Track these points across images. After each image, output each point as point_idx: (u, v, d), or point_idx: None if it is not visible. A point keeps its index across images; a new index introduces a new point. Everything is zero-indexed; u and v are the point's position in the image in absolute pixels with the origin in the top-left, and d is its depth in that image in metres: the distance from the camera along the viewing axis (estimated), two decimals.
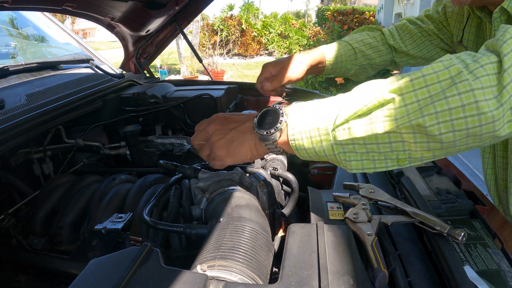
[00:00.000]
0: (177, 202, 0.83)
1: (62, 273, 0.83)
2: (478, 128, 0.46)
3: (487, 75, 0.46)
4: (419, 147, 0.50)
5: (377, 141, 0.51)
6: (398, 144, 0.51)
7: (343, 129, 0.52)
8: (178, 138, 1.36)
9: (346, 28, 9.54)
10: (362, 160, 0.53)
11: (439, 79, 0.48)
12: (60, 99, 1.18)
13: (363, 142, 0.52)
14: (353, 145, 0.52)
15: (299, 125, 0.57)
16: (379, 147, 0.51)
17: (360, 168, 0.54)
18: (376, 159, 0.53)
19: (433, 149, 0.50)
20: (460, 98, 0.46)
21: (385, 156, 0.52)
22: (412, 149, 0.51)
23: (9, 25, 1.79)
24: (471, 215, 0.77)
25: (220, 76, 8.82)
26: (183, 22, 1.81)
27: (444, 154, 0.51)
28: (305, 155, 0.58)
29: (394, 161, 0.52)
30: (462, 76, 0.46)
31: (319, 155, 0.56)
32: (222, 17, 13.13)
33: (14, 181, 1.08)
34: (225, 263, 0.56)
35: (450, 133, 0.47)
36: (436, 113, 0.47)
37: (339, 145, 0.53)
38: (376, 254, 0.57)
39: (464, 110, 0.46)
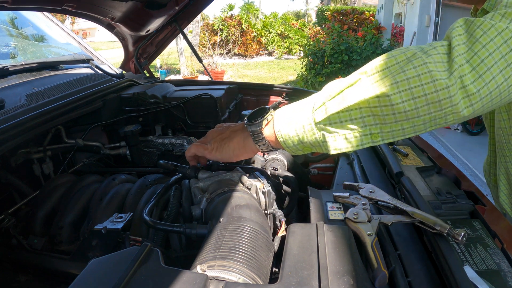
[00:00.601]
0: (177, 202, 0.83)
1: (62, 273, 0.83)
2: (435, 93, 0.52)
3: (438, 53, 0.54)
4: (387, 119, 0.55)
5: (351, 117, 0.57)
6: (369, 118, 0.56)
7: (321, 111, 0.59)
8: (178, 138, 1.36)
9: (346, 28, 9.54)
10: (341, 140, 0.59)
11: (397, 60, 0.56)
12: (60, 99, 1.18)
13: (339, 119, 0.57)
14: (330, 125, 0.58)
15: (283, 119, 0.64)
16: (353, 123, 0.57)
17: (339, 149, 0.59)
18: (352, 137, 0.58)
19: (400, 120, 0.55)
20: (415, 70, 0.53)
21: (359, 133, 0.57)
22: (382, 122, 0.56)
23: (9, 25, 1.79)
24: (471, 215, 0.77)
25: (220, 76, 8.82)
26: (183, 22, 1.81)
27: (412, 129, 0.56)
28: (291, 146, 0.63)
29: (368, 137, 0.58)
30: (417, 55, 0.55)
31: (303, 142, 0.62)
32: (222, 17, 13.13)
33: (14, 181, 1.08)
34: (225, 263, 0.56)
35: (411, 100, 0.53)
36: (397, 83, 0.53)
37: (318, 126, 0.59)
38: (376, 254, 0.57)
39: (420, 79, 0.53)
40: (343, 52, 6.36)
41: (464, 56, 0.53)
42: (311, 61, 6.92)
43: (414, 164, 1.00)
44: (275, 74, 9.98)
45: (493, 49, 0.53)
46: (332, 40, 6.72)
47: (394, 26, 10.19)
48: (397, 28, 9.96)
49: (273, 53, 13.74)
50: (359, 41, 6.92)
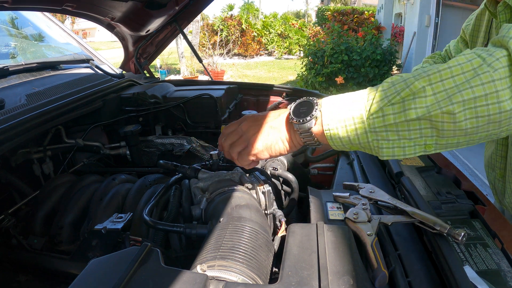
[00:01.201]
0: (177, 202, 0.83)
1: (62, 273, 0.83)
2: (498, 115, 0.51)
3: (502, 67, 0.52)
4: (446, 134, 0.54)
5: (409, 128, 0.55)
6: (427, 130, 0.55)
7: (377, 117, 0.56)
8: (178, 138, 1.36)
9: (346, 28, 9.54)
10: (394, 147, 0.58)
11: (463, 70, 0.53)
12: (60, 99, 1.18)
13: (396, 129, 0.56)
14: (386, 132, 0.57)
15: (333, 115, 0.60)
16: (410, 133, 0.56)
17: (391, 155, 0.58)
18: (406, 146, 0.57)
19: (458, 135, 0.54)
20: (483, 87, 0.51)
21: (414, 142, 0.56)
22: (439, 136, 0.55)
23: (9, 25, 1.79)
24: (471, 215, 0.77)
25: (220, 76, 8.82)
26: (183, 22, 1.81)
27: (466, 142, 0.55)
28: (338, 144, 0.61)
29: (422, 147, 0.57)
30: (483, 68, 0.52)
31: (352, 143, 0.60)
32: (222, 17, 13.13)
33: (14, 181, 1.08)
34: (225, 263, 0.56)
35: (474, 119, 0.52)
36: (464, 101, 0.52)
37: (373, 132, 0.57)
38: (376, 254, 0.57)
39: (487, 98, 0.51)
40: (343, 52, 6.36)
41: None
42: (311, 61, 6.92)
43: (414, 164, 1.00)
44: (275, 74, 9.98)
45: None
46: (332, 40, 6.72)
47: (394, 26, 10.19)
48: (397, 28, 9.96)
49: (273, 53, 13.74)
50: (359, 41, 6.93)
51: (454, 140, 0.55)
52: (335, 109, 0.61)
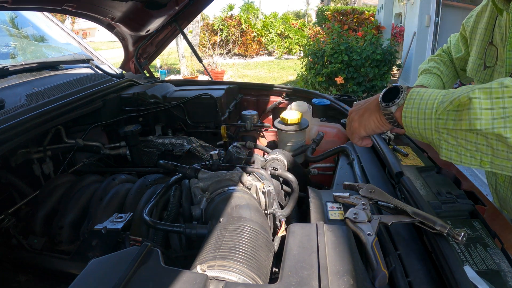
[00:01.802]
0: (177, 202, 0.83)
1: (62, 273, 0.83)
2: None
3: None
4: (500, 155, 0.55)
5: (466, 138, 0.57)
6: (483, 146, 0.56)
7: (442, 118, 0.59)
8: (178, 138, 1.36)
9: (346, 28, 9.54)
10: (452, 151, 0.60)
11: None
12: (60, 99, 1.18)
13: (455, 135, 0.58)
14: (447, 135, 0.59)
15: (412, 106, 0.65)
16: (467, 144, 0.57)
17: (449, 158, 0.60)
18: (463, 154, 0.59)
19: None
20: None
21: (470, 154, 0.58)
22: (494, 155, 0.56)
23: (9, 25, 1.79)
24: (471, 215, 0.77)
25: (220, 76, 8.81)
26: (183, 22, 1.81)
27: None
28: (411, 133, 0.65)
29: (478, 161, 0.58)
30: None
31: (422, 135, 0.64)
32: (222, 17, 13.12)
33: (14, 181, 1.08)
34: (225, 263, 0.56)
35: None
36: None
37: (437, 131, 0.60)
38: (376, 254, 0.57)
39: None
40: (343, 52, 6.35)
41: None
42: (311, 61, 6.92)
43: (414, 164, 1.00)
44: (275, 74, 9.98)
45: None
46: (332, 40, 6.71)
47: (394, 26, 10.18)
48: (397, 28, 9.96)
49: (273, 53, 13.74)
50: (359, 41, 6.92)
51: (509, 164, 0.55)
52: (416, 100, 0.64)
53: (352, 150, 1.14)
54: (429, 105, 0.62)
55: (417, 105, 0.64)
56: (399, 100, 0.67)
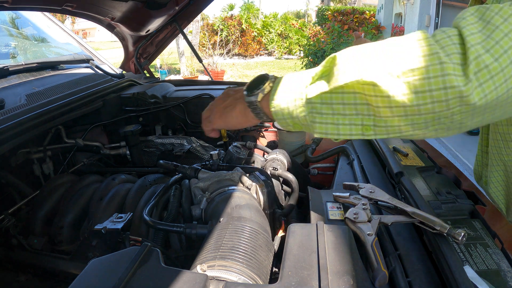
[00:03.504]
0: (177, 202, 0.83)
1: (62, 273, 0.83)
2: (443, 91, 0.45)
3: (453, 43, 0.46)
4: (382, 112, 0.49)
5: (343, 101, 0.51)
6: (363, 106, 0.50)
7: (315, 86, 0.53)
8: (178, 138, 1.36)
9: (346, 28, 9.54)
10: (327, 123, 0.53)
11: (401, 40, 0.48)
12: (60, 99, 1.18)
13: (330, 100, 0.52)
14: (321, 104, 0.53)
15: (279, 87, 0.59)
16: (345, 108, 0.51)
17: (324, 132, 0.54)
18: (341, 124, 0.52)
19: (397, 115, 0.48)
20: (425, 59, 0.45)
21: (349, 120, 0.52)
22: (376, 114, 0.50)
23: (10, 25, 1.79)
24: (471, 215, 0.77)
25: (220, 76, 8.82)
26: (183, 22, 1.81)
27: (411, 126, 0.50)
28: (280, 117, 0.59)
29: (359, 128, 0.52)
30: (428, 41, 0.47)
31: (292, 117, 0.57)
32: (222, 17, 13.13)
33: (14, 181, 1.08)
34: (225, 263, 0.56)
35: (413, 94, 0.46)
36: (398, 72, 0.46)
37: (309, 103, 0.54)
38: (376, 254, 0.57)
39: (428, 70, 0.45)
40: None
41: (483, 45, 0.45)
42: (311, 61, 6.92)
43: (414, 164, 1.00)
44: (275, 74, 9.97)
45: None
46: (332, 40, 6.72)
47: (394, 26, 10.19)
48: (397, 28, 9.96)
49: (273, 53, 13.74)
50: None
51: (394, 122, 0.50)
52: (284, 81, 0.59)
53: (352, 150, 1.14)
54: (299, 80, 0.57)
55: (285, 86, 0.58)
56: (264, 86, 0.61)
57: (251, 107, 0.63)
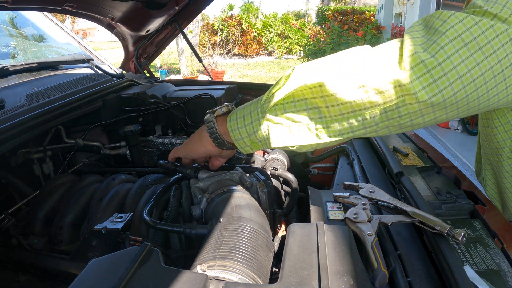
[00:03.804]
0: (177, 202, 0.83)
1: (62, 273, 0.83)
2: (382, 82, 0.48)
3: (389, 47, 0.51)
4: (332, 111, 0.52)
5: (296, 108, 0.54)
6: (314, 110, 0.53)
7: (268, 100, 0.56)
8: (178, 138, 1.36)
9: (346, 28, 9.54)
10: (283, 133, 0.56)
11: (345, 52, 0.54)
12: (60, 99, 1.18)
13: (284, 110, 0.55)
14: (275, 116, 0.56)
15: (237, 109, 0.62)
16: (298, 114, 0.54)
17: (281, 142, 0.57)
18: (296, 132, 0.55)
19: (345, 113, 0.51)
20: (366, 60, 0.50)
21: (304, 127, 0.55)
22: (327, 116, 0.53)
23: (9, 25, 1.79)
24: (471, 215, 0.77)
25: (220, 76, 8.82)
26: (183, 22, 1.81)
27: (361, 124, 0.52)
28: (238, 138, 0.61)
29: (313, 133, 0.55)
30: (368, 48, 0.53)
31: (250, 136, 0.60)
32: (222, 17, 13.13)
33: (14, 181, 1.08)
34: (225, 263, 0.56)
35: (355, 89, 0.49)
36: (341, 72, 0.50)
37: (264, 118, 0.57)
38: (376, 254, 0.57)
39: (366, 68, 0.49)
40: None
41: (422, 46, 0.49)
42: (311, 61, 6.92)
43: (414, 164, 1.00)
44: (275, 74, 9.97)
45: (454, 36, 0.48)
46: (332, 40, 6.72)
47: (394, 26, 10.19)
48: (397, 28, 9.96)
49: (273, 53, 13.74)
50: (359, 41, 6.92)
51: (344, 122, 0.52)
52: (243, 105, 0.63)
53: (352, 150, 1.14)
54: (256, 100, 0.60)
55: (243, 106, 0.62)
56: (220, 107, 0.66)
57: (207, 124, 0.67)
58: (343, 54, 0.54)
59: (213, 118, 0.66)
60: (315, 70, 0.53)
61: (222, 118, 0.66)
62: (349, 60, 0.52)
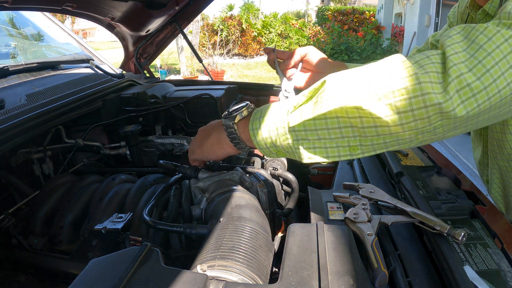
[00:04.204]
0: (177, 202, 0.83)
1: (62, 273, 0.83)
2: (424, 109, 0.46)
3: (432, 63, 0.48)
4: (368, 132, 0.50)
5: (327, 126, 0.52)
6: (347, 129, 0.51)
7: (295, 114, 0.54)
8: (178, 138, 1.36)
9: (346, 28, 9.54)
10: (315, 148, 0.54)
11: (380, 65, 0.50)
12: (60, 99, 1.18)
13: (314, 127, 0.52)
14: (305, 131, 0.53)
15: (259, 115, 0.59)
16: (330, 133, 0.52)
17: (313, 157, 0.55)
18: (328, 147, 0.53)
19: (382, 134, 0.50)
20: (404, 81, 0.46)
21: (336, 144, 0.53)
22: (362, 135, 0.51)
23: (9, 25, 1.79)
24: (471, 215, 0.77)
25: (220, 76, 8.82)
26: (183, 22, 1.81)
27: (396, 142, 0.51)
28: (263, 146, 0.59)
29: (346, 149, 0.53)
30: (406, 63, 0.48)
31: (275, 145, 0.57)
32: (222, 17, 13.13)
33: (14, 181, 1.08)
34: (225, 263, 0.56)
35: (395, 115, 0.47)
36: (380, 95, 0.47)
37: (292, 131, 0.54)
38: (376, 254, 0.57)
39: (408, 91, 0.46)
40: (343, 52, 6.37)
41: (466, 64, 0.46)
42: None
43: (414, 164, 1.00)
44: (275, 74, 9.97)
45: (500, 57, 0.46)
46: (332, 40, 6.73)
47: (394, 26, 10.19)
48: (397, 28, 9.97)
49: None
50: (359, 41, 6.93)
51: (380, 140, 0.51)
52: (263, 111, 0.59)
53: None
54: (280, 108, 0.57)
55: (265, 113, 0.58)
56: (242, 110, 0.61)
57: (227, 130, 0.63)
58: (381, 68, 0.50)
59: (234, 125, 0.62)
60: (350, 88, 0.50)
61: (242, 123, 0.62)
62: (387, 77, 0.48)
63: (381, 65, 0.51)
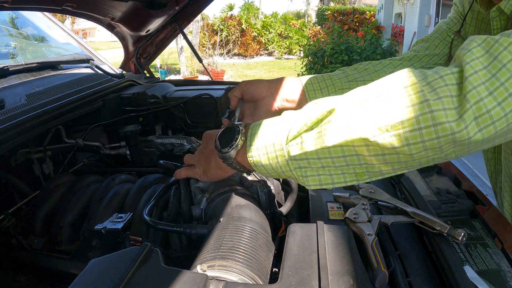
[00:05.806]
0: (177, 202, 0.83)
1: (62, 273, 0.83)
2: (436, 140, 0.42)
3: (446, 85, 0.43)
4: (375, 160, 0.47)
5: (331, 155, 0.49)
6: (352, 157, 0.48)
7: (296, 143, 0.51)
8: (178, 138, 1.36)
9: (346, 28, 9.55)
10: (319, 175, 0.52)
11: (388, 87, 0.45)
12: (60, 99, 1.18)
13: (317, 156, 0.50)
14: (307, 160, 0.51)
15: (256, 142, 0.56)
16: (334, 161, 0.49)
17: (318, 184, 0.53)
18: (333, 174, 0.51)
19: (390, 162, 0.47)
20: (414, 109, 0.42)
21: (342, 171, 0.51)
22: (368, 163, 0.48)
23: (9, 25, 1.79)
24: (471, 215, 0.77)
25: (220, 76, 8.82)
26: (183, 22, 1.81)
27: (405, 167, 0.49)
28: (264, 172, 0.57)
29: (353, 175, 0.51)
30: (416, 87, 0.43)
31: (277, 172, 0.55)
32: (222, 17, 13.14)
33: (14, 181, 1.08)
34: (225, 263, 0.56)
35: (405, 146, 0.44)
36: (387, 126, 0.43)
37: (294, 160, 0.52)
38: (376, 254, 0.57)
39: (418, 121, 0.42)
40: (343, 52, 6.37)
41: (486, 86, 0.41)
42: (311, 61, 6.93)
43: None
44: (275, 74, 9.98)
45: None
46: (332, 40, 6.73)
47: (394, 26, 10.20)
48: (397, 28, 9.98)
49: (273, 53, 13.74)
50: (359, 41, 6.93)
51: (388, 168, 0.48)
52: (259, 134, 0.56)
53: None
54: (279, 133, 0.53)
55: (262, 138, 0.55)
56: (236, 143, 0.57)
57: (226, 162, 0.61)
58: (389, 94, 0.45)
59: (232, 160, 0.59)
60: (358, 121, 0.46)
61: (240, 153, 0.59)
62: (395, 104, 0.44)
63: (389, 89, 0.46)
